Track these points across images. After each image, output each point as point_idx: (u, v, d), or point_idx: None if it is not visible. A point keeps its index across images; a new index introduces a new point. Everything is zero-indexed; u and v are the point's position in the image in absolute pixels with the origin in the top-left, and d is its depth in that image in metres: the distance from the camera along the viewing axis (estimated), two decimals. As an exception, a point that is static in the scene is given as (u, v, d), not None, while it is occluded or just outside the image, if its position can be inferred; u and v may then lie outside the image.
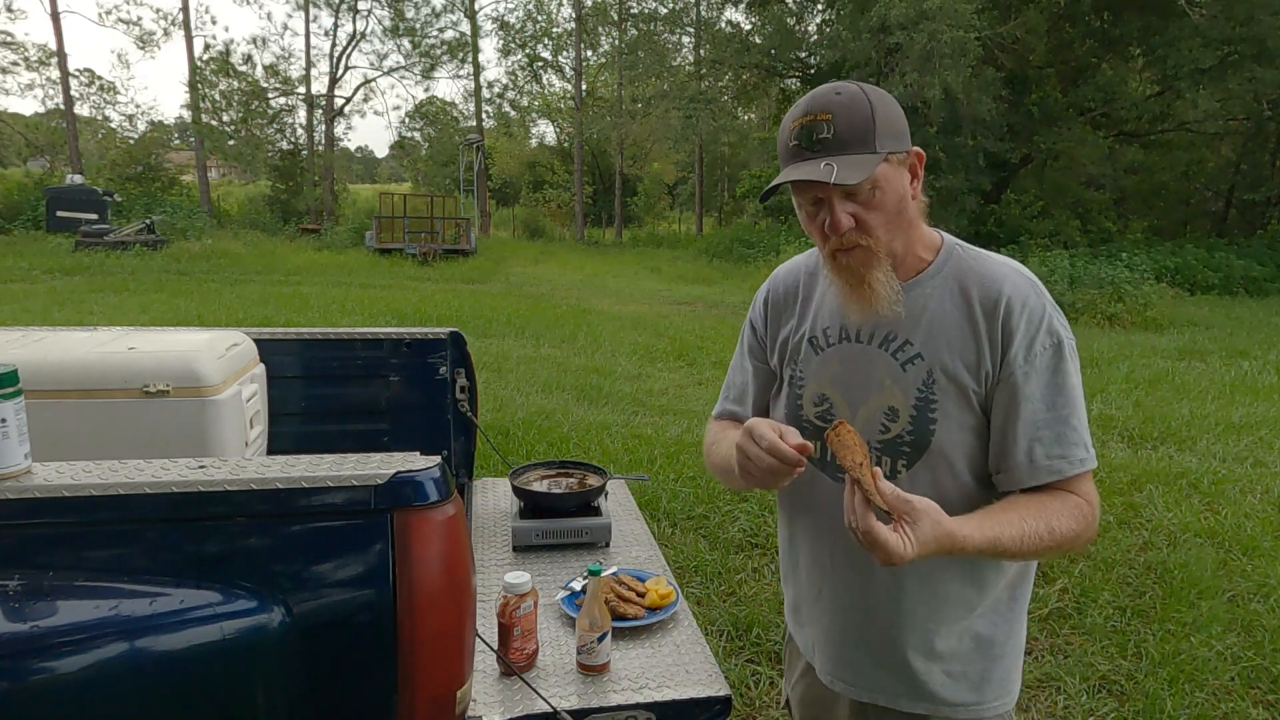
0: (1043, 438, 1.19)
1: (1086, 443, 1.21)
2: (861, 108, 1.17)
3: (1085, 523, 1.19)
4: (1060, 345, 1.21)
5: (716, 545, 3.88)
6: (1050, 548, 1.17)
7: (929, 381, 1.22)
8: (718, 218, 35.11)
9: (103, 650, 1.06)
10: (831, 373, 1.31)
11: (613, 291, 14.87)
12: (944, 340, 1.23)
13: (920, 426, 1.22)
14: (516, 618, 1.54)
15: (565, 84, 35.59)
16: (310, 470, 1.18)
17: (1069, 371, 1.21)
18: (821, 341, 1.33)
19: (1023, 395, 1.19)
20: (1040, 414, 1.19)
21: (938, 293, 1.25)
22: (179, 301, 10.61)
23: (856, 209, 1.19)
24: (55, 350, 1.90)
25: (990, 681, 1.31)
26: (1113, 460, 5.14)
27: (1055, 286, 12.34)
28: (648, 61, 25.52)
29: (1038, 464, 1.19)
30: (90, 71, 39.98)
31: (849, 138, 1.15)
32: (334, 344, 2.48)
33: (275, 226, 25.21)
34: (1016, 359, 1.19)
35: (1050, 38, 20.15)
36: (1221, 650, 3.06)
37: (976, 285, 1.24)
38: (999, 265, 1.27)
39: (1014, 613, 1.32)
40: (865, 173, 1.14)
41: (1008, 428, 1.20)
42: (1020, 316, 1.20)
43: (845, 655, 1.36)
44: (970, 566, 1.26)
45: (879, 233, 1.20)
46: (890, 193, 1.19)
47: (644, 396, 6.56)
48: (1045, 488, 1.20)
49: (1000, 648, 1.31)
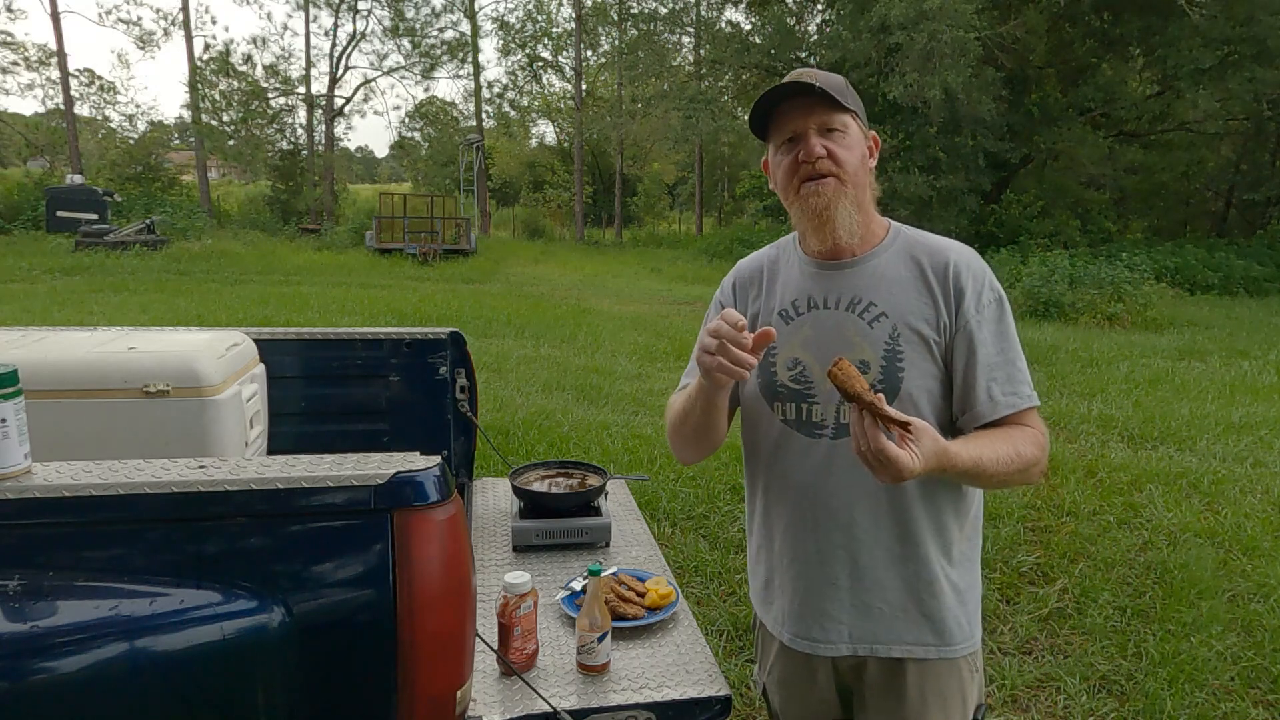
0: (997, 378, 1.35)
1: (1030, 382, 1.39)
2: (836, 76, 1.36)
3: (1042, 450, 1.35)
4: (1001, 300, 1.39)
5: (716, 545, 3.88)
6: (1019, 469, 1.31)
7: (894, 335, 1.36)
8: (718, 218, 35.15)
9: (103, 650, 1.06)
10: (804, 337, 1.42)
11: (613, 291, 14.87)
12: (904, 300, 1.37)
13: (890, 374, 1.35)
14: (516, 618, 1.54)
15: (565, 84, 35.62)
16: (310, 470, 1.18)
17: (1009, 323, 1.39)
18: (791, 312, 1.45)
19: (977, 341, 1.35)
20: (993, 357, 1.36)
21: (893, 261, 1.40)
22: (179, 301, 10.61)
23: (829, 143, 1.34)
24: (55, 350, 1.90)
25: (960, 624, 1.42)
26: (1113, 460, 5.14)
27: (1055, 286, 12.36)
28: (648, 61, 25.51)
29: (996, 400, 1.35)
30: (90, 71, 40.11)
31: (829, 88, 1.32)
32: (334, 344, 2.48)
33: (275, 226, 25.20)
34: (969, 310, 1.36)
35: (1050, 38, 20.16)
36: (1221, 650, 3.06)
37: (926, 253, 1.40)
38: (941, 239, 1.44)
39: (971, 560, 1.46)
40: (841, 100, 1.31)
41: (968, 371, 1.36)
42: (967, 275, 1.37)
43: (820, 610, 1.43)
44: (935, 514, 1.38)
45: (848, 167, 1.34)
46: (856, 146, 1.36)
47: (644, 396, 6.56)
48: (1003, 422, 1.35)
49: (963, 594, 1.43)
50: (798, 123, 1.34)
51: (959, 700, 1.43)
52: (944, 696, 1.42)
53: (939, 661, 1.41)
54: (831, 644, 1.43)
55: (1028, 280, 12.70)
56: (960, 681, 1.43)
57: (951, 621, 1.41)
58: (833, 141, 1.33)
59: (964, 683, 1.43)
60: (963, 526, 1.42)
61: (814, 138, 1.33)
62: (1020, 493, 4.53)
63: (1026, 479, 1.35)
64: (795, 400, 1.41)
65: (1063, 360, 8.47)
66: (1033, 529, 4.14)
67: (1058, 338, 9.83)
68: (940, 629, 1.40)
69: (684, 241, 28.23)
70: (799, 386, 1.41)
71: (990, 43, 17.11)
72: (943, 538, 1.39)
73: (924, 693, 1.41)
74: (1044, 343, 9.27)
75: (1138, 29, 18.81)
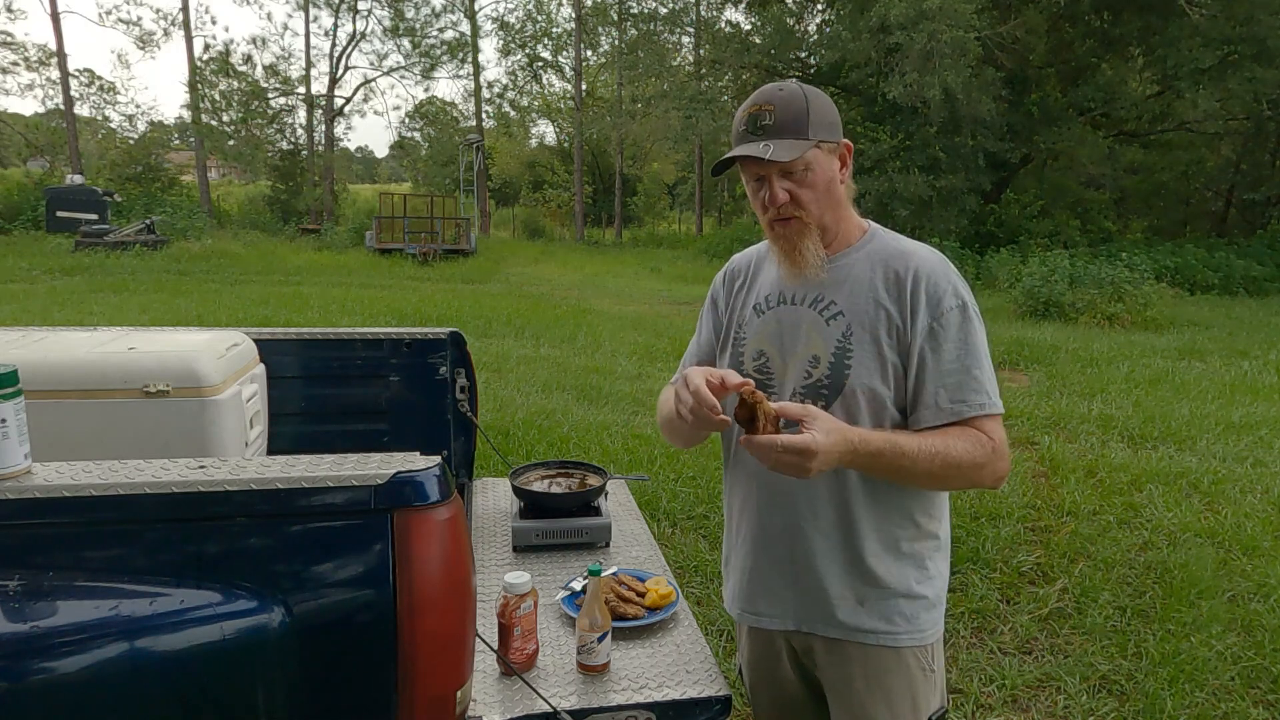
0: (947, 384, 1.38)
1: (989, 390, 1.39)
2: (798, 102, 1.38)
3: (984, 453, 1.35)
4: (965, 307, 1.40)
5: (716, 545, 3.88)
6: (951, 465, 1.33)
7: (847, 334, 1.42)
8: (718, 218, 35.10)
9: (103, 650, 1.06)
10: (769, 330, 1.50)
11: (613, 291, 14.87)
12: (863, 302, 1.42)
13: (837, 371, 1.41)
14: (516, 618, 1.54)
15: (565, 84, 35.61)
16: (310, 470, 1.18)
17: (973, 330, 1.40)
18: (763, 306, 1.54)
19: (931, 348, 1.38)
20: (947, 364, 1.38)
21: (860, 264, 1.45)
22: (179, 301, 10.61)
23: (791, 186, 1.39)
24: (55, 350, 1.90)
25: (905, 616, 1.45)
26: (1113, 460, 5.14)
27: (1055, 286, 12.33)
28: (648, 61, 25.47)
29: (941, 407, 1.38)
30: (90, 71, 40.10)
31: (786, 124, 1.36)
32: (334, 344, 2.48)
33: (275, 227, 25.19)
34: (927, 318, 1.38)
35: (1050, 38, 20.14)
36: (1221, 650, 3.06)
37: (892, 259, 1.44)
38: (913, 245, 1.48)
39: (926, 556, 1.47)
40: (796, 154, 1.35)
41: (919, 377, 1.39)
42: (928, 282, 1.40)
43: (766, 587, 1.52)
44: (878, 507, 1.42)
45: (811, 207, 1.40)
46: (820, 174, 1.40)
47: (644, 396, 6.56)
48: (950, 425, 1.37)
49: (911, 587, 1.45)
50: (761, 167, 1.39)
51: (906, 695, 1.46)
52: (887, 687, 1.45)
53: (881, 649, 1.45)
54: (776, 618, 1.52)
55: (1027, 280, 12.68)
56: (908, 675, 1.46)
57: (894, 612, 1.44)
58: (795, 183, 1.38)
59: (913, 678, 1.46)
60: (917, 523, 1.45)
61: (776, 184, 1.38)
62: (1020, 492, 4.53)
63: (970, 479, 1.38)
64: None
65: (1063, 360, 8.47)
66: (1033, 529, 4.14)
67: (1058, 338, 9.83)
68: (881, 617, 1.44)
69: (684, 241, 28.23)
70: (761, 377, 1.48)
71: (990, 43, 17.10)
72: (887, 531, 1.43)
73: (867, 679, 1.45)
74: (1044, 343, 9.26)
75: (1138, 29, 18.79)
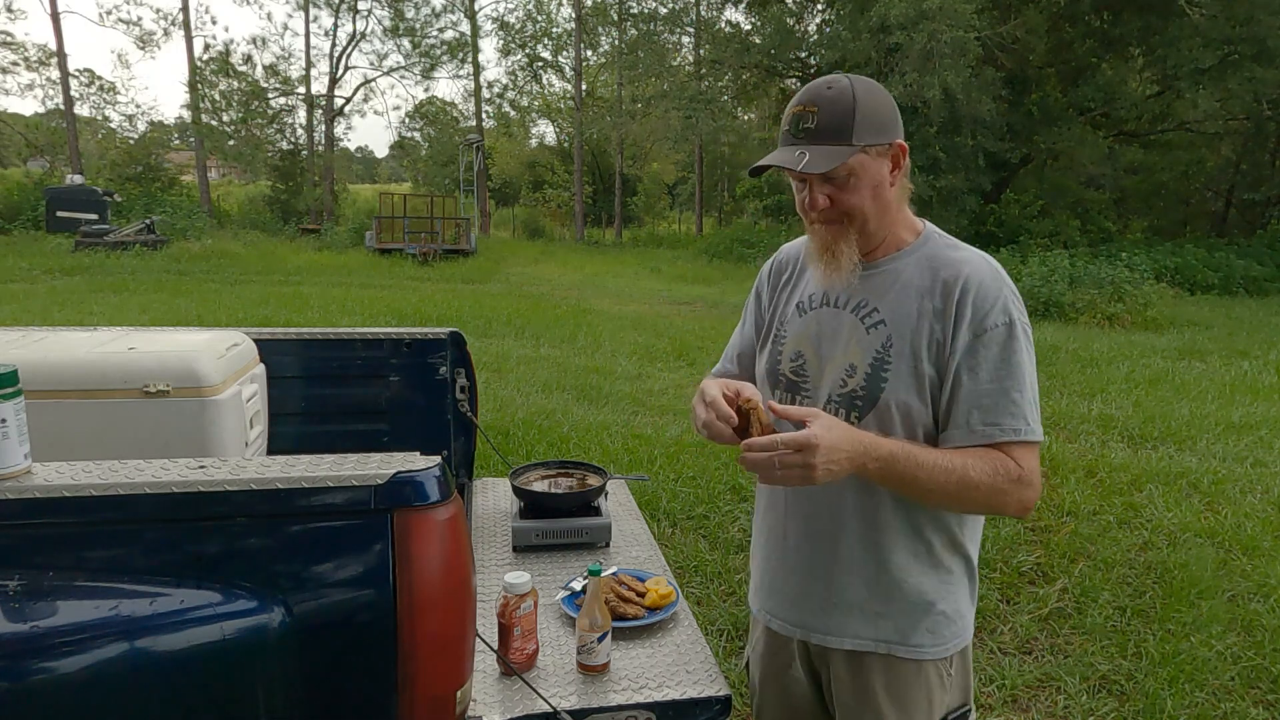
0: (983, 405, 1.31)
1: (1026, 416, 1.31)
2: (844, 102, 1.30)
3: (1009, 480, 1.28)
4: (1012, 325, 1.32)
5: (716, 545, 3.88)
6: (966, 485, 1.27)
7: (886, 344, 1.35)
8: (718, 218, 35.12)
9: (103, 650, 1.06)
10: (810, 332, 1.46)
11: (613, 291, 14.86)
12: (905, 311, 1.36)
13: (873, 383, 1.36)
14: (516, 618, 1.54)
15: (565, 84, 35.57)
16: (310, 470, 1.18)
17: (1018, 350, 1.32)
18: (806, 305, 1.49)
19: (970, 368, 1.31)
20: (985, 385, 1.31)
21: (908, 270, 1.38)
22: (179, 301, 10.60)
23: (833, 190, 1.33)
24: (55, 350, 1.90)
25: (930, 630, 1.41)
26: (1113, 460, 5.14)
27: (1055, 286, 12.35)
28: (648, 61, 25.47)
29: (973, 428, 1.31)
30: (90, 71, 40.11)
31: (828, 129, 1.29)
32: (334, 344, 2.48)
33: (275, 226, 25.18)
34: (967, 335, 1.31)
35: (1050, 38, 20.13)
36: (1221, 650, 3.06)
37: (943, 267, 1.36)
38: (967, 252, 1.39)
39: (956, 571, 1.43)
40: (833, 163, 1.28)
41: (954, 395, 1.32)
42: (976, 296, 1.32)
43: (783, 593, 1.50)
44: (910, 519, 1.37)
45: (854, 213, 1.34)
46: (865, 179, 1.32)
47: (644, 396, 6.55)
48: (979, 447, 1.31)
49: (936, 602, 1.40)
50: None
51: (923, 703, 1.42)
52: (905, 700, 1.41)
53: (903, 661, 1.41)
54: (794, 626, 1.49)
55: (1028, 280, 12.68)
56: (927, 687, 1.42)
57: (920, 625, 1.40)
58: (836, 188, 1.33)
59: (931, 689, 1.42)
60: (949, 536, 1.41)
61: (816, 189, 1.34)
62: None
63: (989, 505, 1.31)
64: (790, 390, 1.46)
65: (1063, 360, 8.47)
66: (1033, 529, 4.14)
67: (1058, 338, 9.83)
68: (903, 630, 1.40)
69: (684, 241, 28.21)
70: (795, 378, 1.46)
71: (990, 43, 17.10)
72: (918, 543, 1.39)
73: (887, 690, 1.41)
74: (1044, 342, 9.26)
75: (1138, 29, 18.79)
